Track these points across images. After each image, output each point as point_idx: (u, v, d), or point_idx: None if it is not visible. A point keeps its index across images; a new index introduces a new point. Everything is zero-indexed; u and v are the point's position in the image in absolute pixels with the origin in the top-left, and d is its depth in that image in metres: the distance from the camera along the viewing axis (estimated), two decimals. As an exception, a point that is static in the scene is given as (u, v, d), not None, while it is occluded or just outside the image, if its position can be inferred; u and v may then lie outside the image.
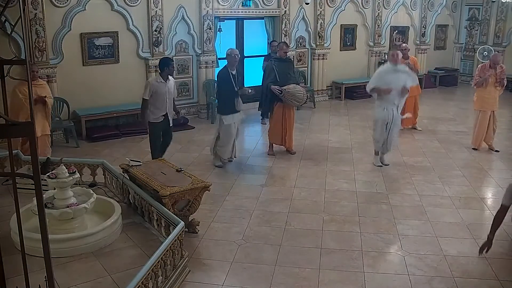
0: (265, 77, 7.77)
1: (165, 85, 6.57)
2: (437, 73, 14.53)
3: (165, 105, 6.62)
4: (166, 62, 6.65)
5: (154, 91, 6.52)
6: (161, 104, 6.59)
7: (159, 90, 6.53)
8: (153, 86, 6.53)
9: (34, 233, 3.80)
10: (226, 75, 7.05)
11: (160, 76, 6.63)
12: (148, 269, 3.55)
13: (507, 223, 5.53)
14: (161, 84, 6.56)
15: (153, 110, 6.59)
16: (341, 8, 12.27)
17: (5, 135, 2.30)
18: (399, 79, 7.06)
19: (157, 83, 6.57)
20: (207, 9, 10.04)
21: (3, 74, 2.38)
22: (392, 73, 7.09)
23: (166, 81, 6.59)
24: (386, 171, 7.22)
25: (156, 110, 6.59)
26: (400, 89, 7.07)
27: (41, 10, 8.09)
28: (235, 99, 7.13)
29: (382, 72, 7.25)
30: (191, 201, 5.01)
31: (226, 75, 7.05)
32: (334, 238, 5.14)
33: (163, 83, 6.57)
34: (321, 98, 12.28)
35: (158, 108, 6.60)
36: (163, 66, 6.62)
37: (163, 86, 6.56)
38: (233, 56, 7.12)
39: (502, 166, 7.66)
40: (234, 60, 7.11)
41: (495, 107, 8.13)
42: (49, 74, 8.36)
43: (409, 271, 4.51)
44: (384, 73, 7.19)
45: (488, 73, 7.92)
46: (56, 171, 4.63)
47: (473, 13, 14.64)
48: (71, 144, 8.46)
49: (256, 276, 4.41)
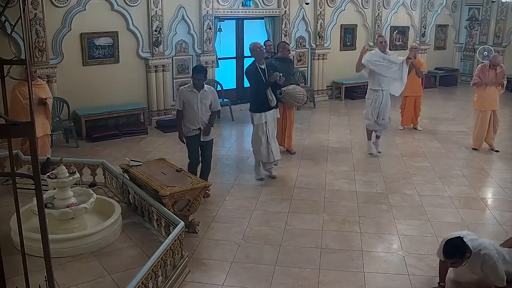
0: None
1: (197, 95, 5.82)
2: (437, 73, 14.53)
3: (196, 117, 5.87)
4: (193, 70, 6.10)
5: (185, 100, 5.86)
6: (192, 117, 5.88)
7: (189, 100, 5.84)
8: (183, 95, 5.88)
9: (34, 233, 3.81)
10: (254, 70, 6.53)
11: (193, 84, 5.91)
12: (148, 269, 3.55)
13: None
14: (192, 93, 5.84)
15: (185, 122, 5.95)
16: (341, 8, 12.28)
17: (5, 135, 2.30)
18: (389, 67, 7.52)
19: (188, 91, 5.87)
20: (207, 9, 10.05)
21: (3, 74, 2.38)
22: (383, 61, 7.50)
23: (199, 91, 5.85)
24: (386, 171, 7.22)
25: (187, 123, 5.94)
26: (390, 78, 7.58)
27: (41, 10, 8.09)
28: (267, 94, 6.51)
29: (372, 55, 7.61)
30: (191, 201, 5.01)
31: (254, 69, 6.53)
32: (334, 238, 5.14)
33: (195, 92, 5.83)
34: (321, 98, 12.28)
35: (189, 120, 5.92)
36: (192, 74, 6.09)
37: (195, 95, 5.83)
38: (257, 50, 6.53)
39: (502, 166, 7.66)
40: (260, 54, 6.54)
41: (495, 107, 8.12)
42: (49, 74, 8.36)
43: (409, 271, 4.51)
44: (373, 56, 7.58)
45: (489, 79, 7.93)
46: (56, 171, 4.63)
47: (473, 13, 14.65)
48: (71, 144, 8.46)
49: (256, 276, 4.41)
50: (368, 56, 7.59)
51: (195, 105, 5.83)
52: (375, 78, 7.60)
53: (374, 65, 7.50)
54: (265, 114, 6.58)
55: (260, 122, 6.59)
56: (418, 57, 9.54)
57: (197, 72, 5.86)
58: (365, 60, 7.54)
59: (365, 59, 7.55)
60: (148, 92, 9.69)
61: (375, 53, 7.66)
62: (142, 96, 9.63)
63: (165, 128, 9.27)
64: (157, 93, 9.73)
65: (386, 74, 7.53)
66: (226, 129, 9.78)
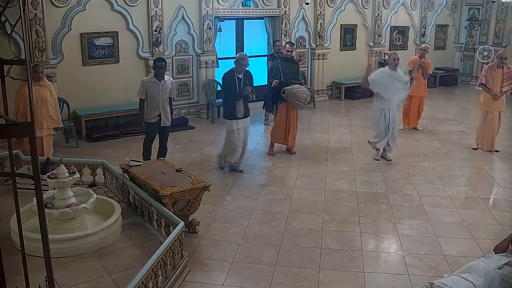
0: (271, 76, 7.84)
1: (158, 85, 6.50)
2: (437, 73, 14.51)
3: (158, 105, 6.53)
4: (154, 62, 6.69)
5: (148, 90, 6.50)
6: (155, 104, 6.53)
7: (152, 90, 6.49)
8: (145, 85, 6.52)
9: (34, 233, 3.80)
10: (231, 78, 6.76)
11: (154, 76, 6.57)
12: (148, 269, 3.55)
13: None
14: (154, 84, 6.50)
15: (147, 110, 6.57)
16: (341, 8, 12.28)
17: (5, 135, 2.30)
18: (394, 86, 7.38)
19: (150, 82, 6.53)
20: (207, 9, 10.04)
21: (3, 74, 2.38)
22: (389, 78, 7.38)
23: (160, 81, 6.51)
24: (386, 171, 7.22)
25: (150, 110, 6.57)
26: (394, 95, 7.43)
27: (41, 10, 8.09)
28: (237, 104, 6.80)
29: (379, 74, 7.50)
30: (191, 201, 5.01)
31: (231, 77, 6.77)
32: (334, 238, 5.14)
33: (157, 83, 6.50)
34: (321, 98, 12.28)
35: (151, 108, 6.55)
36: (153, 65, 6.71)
37: (157, 86, 6.49)
38: (240, 64, 6.78)
39: (502, 166, 7.66)
40: (241, 68, 6.80)
41: (502, 108, 8.12)
42: (49, 74, 8.34)
43: (409, 271, 4.51)
44: (380, 76, 7.46)
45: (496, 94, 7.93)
46: (56, 171, 4.63)
47: (473, 13, 14.64)
48: (71, 144, 8.46)
49: (256, 276, 4.40)
50: (374, 76, 7.45)
51: (157, 95, 6.49)
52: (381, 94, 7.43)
53: (379, 86, 7.38)
54: (236, 121, 6.84)
55: (231, 129, 6.85)
56: (427, 60, 9.56)
57: (159, 61, 6.57)
58: (371, 79, 7.42)
59: (371, 77, 7.44)
60: (148, 92, 9.68)
61: (383, 70, 7.54)
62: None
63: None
64: (157, 93, 9.72)
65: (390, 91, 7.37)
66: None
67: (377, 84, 7.39)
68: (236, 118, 6.83)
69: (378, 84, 7.39)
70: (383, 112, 7.45)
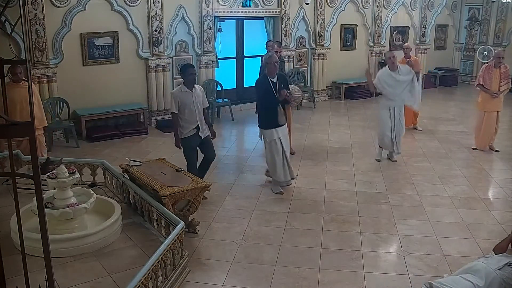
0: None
1: (191, 95, 5.89)
2: (437, 73, 14.53)
3: (195, 117, 5.92)
4: (182, 70, 6.04)
5: (181, 102, 5.88)
6: (191, 116, 5.90)
7: (186, 101, 5.87)
8: (178, 97, 5.88)
9: (34, 233, 3.80)
10: (266, 84, 6.14)
11: (184, 85, 5.96)
12: (148, 269, 3.55)
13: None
14: (187, 94, 5.88)
15: (182, 124, 5.95)
16: (341, 8, 12.28)
17: (5, 135, 2.30)
18: (397, 84, 7.33)
19: (182, 93, 5.90)
20: (207, 9, 10.04)
21: (3, 74, 2.38)
22: (390, 77, 7.35)
23: (192, 90, 5.92)
24: (386, 171, 7.22)
25: (185, 123, 5.94)
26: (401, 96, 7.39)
27: (41, 10, 8.09)
28: (277, 110, 6.15)
29: (382, 75, 7.46)
30: (191, 201, 5.01)
31: (266, 83, 6.14)
32: (334, 238, 5.14)
33: (189, 92, 5.89)
34: (321, 98, 12.28)
35: (187, 121, 5.93)
36: (181, 74, 6.06)
37: (190, 95, 5.88)
38: (272, 64, 6.14)
39: (502, 166, 7.66)
40: (273, 68, 6.15)
41: (500, 108, 8.12)
42: (49, 74, 8.37)
43: (409, 271, 4.51)
44: (383, 76, 7.42)
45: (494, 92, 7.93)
46: (56, 171, 4.63)
47: (473, 13, 14.64)
48: (71, 144, 8.46)
49: (256, 276, 4.41)
50: (377, 79, 7.43)
51: (192, 104, 5.88)
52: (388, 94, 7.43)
53: (383, 87, 7.38)
54: (276, 130, 6.18)
55: (273, 139, 6.19)
56: (413, 56, 9.53)
57: (190, 67, 6.04)
58: (376, 80, 7.43)
59: (375, 81, 7.44)
60: (148, 92, 9.69)
61: (384, 71, 7.51)
62: (142, 96, 9.64)
63: (165, 128, 9.26)
64: (157, 93, 9.73)
65: (396, 92, 7.36)
66: (226, 129, 9.78)
67: (383, 85, 7.38)
68: (276, 126, 6.18)
69: (383, 84, 7.37)
70: (389, 110, 7.43)
